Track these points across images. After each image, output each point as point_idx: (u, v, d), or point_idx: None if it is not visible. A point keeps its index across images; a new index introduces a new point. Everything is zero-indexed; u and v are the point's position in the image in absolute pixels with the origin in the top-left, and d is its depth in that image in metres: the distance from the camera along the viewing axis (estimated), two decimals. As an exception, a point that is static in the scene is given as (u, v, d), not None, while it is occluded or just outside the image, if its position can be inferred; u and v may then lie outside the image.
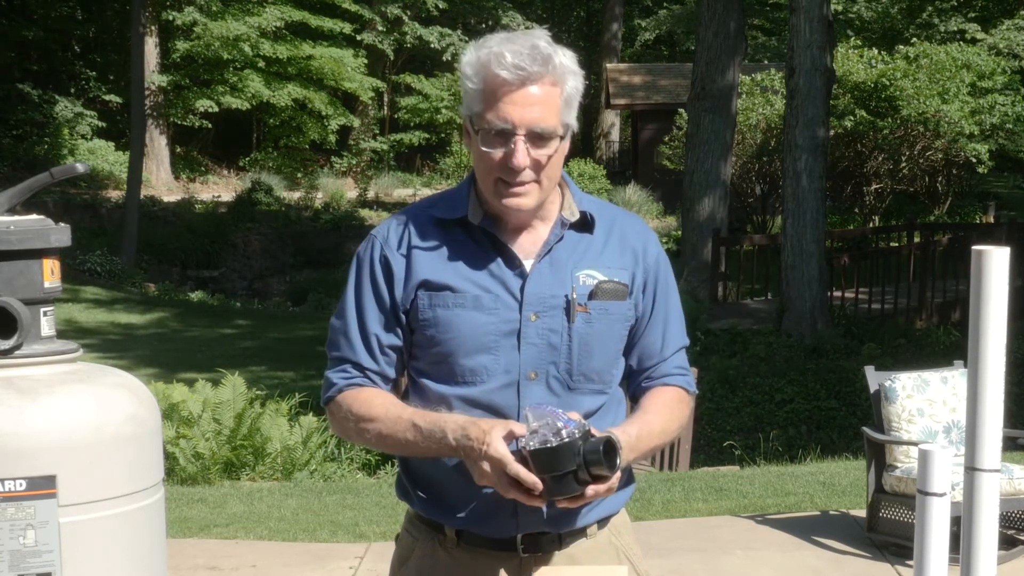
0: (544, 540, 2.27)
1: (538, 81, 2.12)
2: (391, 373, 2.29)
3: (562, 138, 2.18)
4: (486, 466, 2.05)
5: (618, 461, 2.03)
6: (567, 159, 2.31)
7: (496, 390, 2.20)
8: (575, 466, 1.99)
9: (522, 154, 2.13)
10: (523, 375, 2.20)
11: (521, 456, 2.03)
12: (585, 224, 2.28)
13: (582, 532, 2.30)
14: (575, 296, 2.22)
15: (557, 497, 2.03)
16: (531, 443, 2.02)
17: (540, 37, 2.17)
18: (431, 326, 2.22)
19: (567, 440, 1.99)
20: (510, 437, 2.06)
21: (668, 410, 2.30)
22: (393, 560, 2.39)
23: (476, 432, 2.08)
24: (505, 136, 2.14)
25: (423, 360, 2.25)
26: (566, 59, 2.16)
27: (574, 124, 2.21)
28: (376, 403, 2.23)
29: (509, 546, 2.26)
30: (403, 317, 2.25)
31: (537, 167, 2.16)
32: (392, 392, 2.30)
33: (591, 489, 2.04)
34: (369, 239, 2.30)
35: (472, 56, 2.16)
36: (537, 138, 2.14)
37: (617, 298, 2.26)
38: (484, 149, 2.15)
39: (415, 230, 2.26)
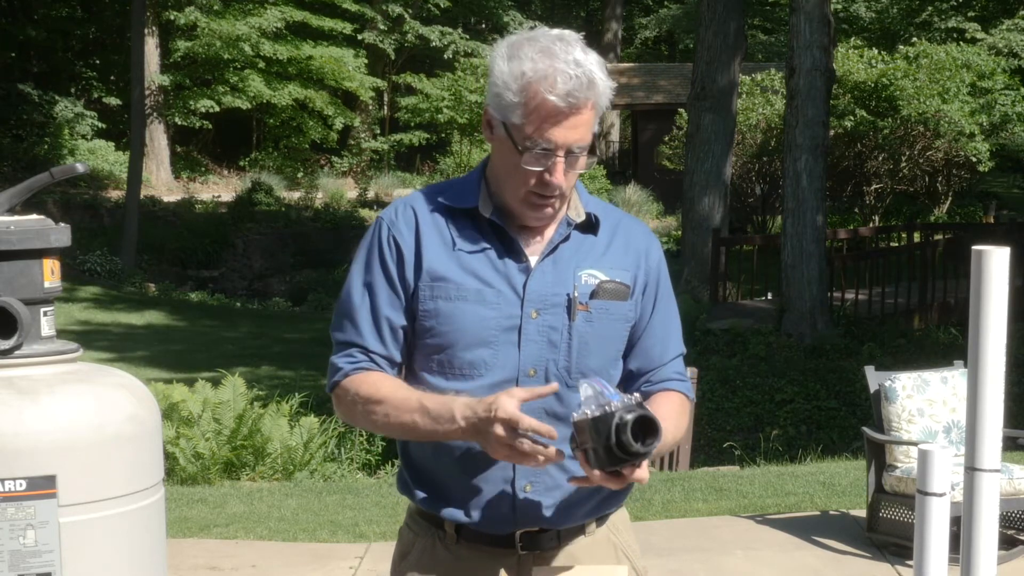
0: (543, 538, 2.27)
1: (585, 106, 2.14)
2: (398, 356, 2.27)
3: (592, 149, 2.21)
4: (499, 430, 2.03)
5: (654, 441, 1.99)
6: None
7: (494, 386, 2.19)
8: (608, 438, 1.97)
9: (560, 173, 2.16)
10: (522, 372, 2.21)
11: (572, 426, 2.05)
12: (590, 225, 2.30)
13: (580, 530, 2.31)
14: (577, 295, 2.23)
15: (598, 470, 2.01)
16: (575, 414, 2.03)
17: (576, 44, 2.15)
18: (431, 317, 2.22)
19: (606, 412, 1.99)
20: (516, 400, 2.05)
21: (677, 416, 2.31)
22: (395, 553, 2.40)
23: (482, 405, 2.08)
24: (547, 155, 2.15)
25: (421, 351, 2.26)
26: (602, 72, 2.15)
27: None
28: (384, 385, 2.22)
29: (508, 543, 2.26)
30: (410, 299, 2.25)
31: (568, 181, 2.19)
32: (397, 376, 2.29)
33: (627, 469, 2.01)
34: (377, 221, 2.30)
35: (515, 68, 2.14)
36: (572, 155, 2.16)
37: (618, 298, 2.27)
38: (526, 167, 2.16)
39: (423, 216, 2.26)
